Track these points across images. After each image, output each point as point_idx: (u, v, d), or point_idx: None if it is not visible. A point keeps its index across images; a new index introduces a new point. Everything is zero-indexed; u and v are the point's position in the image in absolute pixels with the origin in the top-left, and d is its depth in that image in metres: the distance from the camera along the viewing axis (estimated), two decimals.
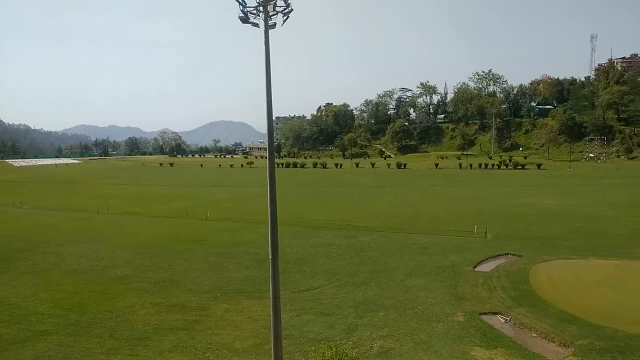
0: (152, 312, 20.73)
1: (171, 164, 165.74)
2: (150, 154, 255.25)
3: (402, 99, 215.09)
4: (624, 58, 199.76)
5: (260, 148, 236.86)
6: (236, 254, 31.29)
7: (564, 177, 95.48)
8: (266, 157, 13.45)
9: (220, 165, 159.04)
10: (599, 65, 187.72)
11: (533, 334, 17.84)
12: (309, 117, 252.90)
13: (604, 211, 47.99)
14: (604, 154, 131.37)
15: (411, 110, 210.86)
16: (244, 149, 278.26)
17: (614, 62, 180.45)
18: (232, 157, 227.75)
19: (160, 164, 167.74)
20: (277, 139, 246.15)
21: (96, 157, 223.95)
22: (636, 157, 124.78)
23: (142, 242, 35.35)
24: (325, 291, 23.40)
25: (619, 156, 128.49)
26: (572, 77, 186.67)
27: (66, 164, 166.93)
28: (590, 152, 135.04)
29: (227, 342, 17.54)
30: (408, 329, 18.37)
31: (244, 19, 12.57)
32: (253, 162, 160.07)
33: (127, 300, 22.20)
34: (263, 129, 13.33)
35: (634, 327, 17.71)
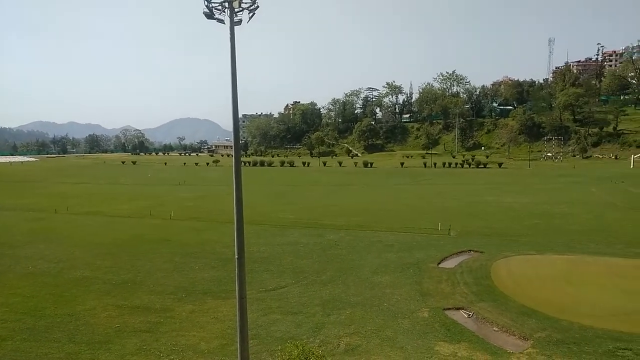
0: (114, 314, 20.13)
1: (134, 162, 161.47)
2: (112, 152, 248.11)
3: (369, 99, 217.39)
4: (579, 61, 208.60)
5: (227, 146, 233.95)
6: (202, 254, 30.79)
7: (524, 175, 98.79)
8: (232, 156, 13.27)
9: (185, 164, 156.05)
10: (556, 68, 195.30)
11: (494, 328, 18.39)
12: (276, 115, 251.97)
13: (560, 208, 49.96)
14: (561, 154, 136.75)
15: (377, 110, 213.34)
16: (209, 147, 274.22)
17: (570, 65, 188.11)
18: (197, 155, 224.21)
19: (123, 162, 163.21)
20: (244, 137, 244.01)
21: (54, 155, 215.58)
22: (590, 156, 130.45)
23: (103, 243, 34.26)
24: (292, 290, 23.36)
25: (574, 155, 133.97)
26: (532, 79, 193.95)
27: (21, 162, 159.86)
28: (548, 152, 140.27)
29: (192, 343, 17.24)
30: (374, 325, 18.57)
31: (209, 15, 12.35)
32: (219, 161, 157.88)
33: (87, 303, 21.47)
34: (229, 126, 13.17)
35: (588, 319, 18.52)
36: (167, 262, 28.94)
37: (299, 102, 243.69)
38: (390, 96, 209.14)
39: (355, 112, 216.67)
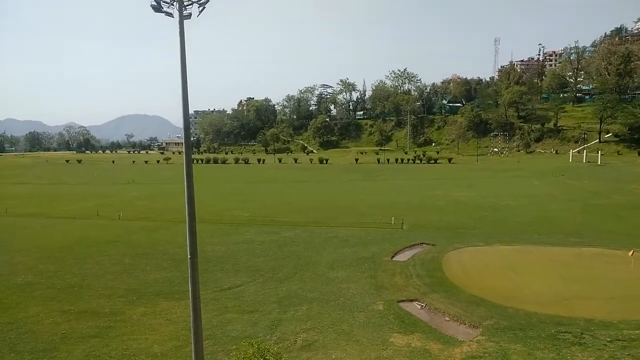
0: (60, 320, 19.19)
1: (79, 161, 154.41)
2: (55, 150, 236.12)
3: (323, 95, 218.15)
4: (522, 61, 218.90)
5: (178, 143, 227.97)
6: (153, 255, 29.91)
7: (472, 170, 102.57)
8: (184, 153, 12.92)
9: (134, 162, 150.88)
10: (501, 67, 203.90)
11: (446, 318, 19.01)
12: (229, 111, 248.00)
13: (506, 201, 52.28)
14: (507, 149, 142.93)
15: (332, 107, 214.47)
16: (160, 144, 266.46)
17: (514, 64, 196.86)
18: (147, 152, 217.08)
19: (67, 161, 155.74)
20: (196, 134, 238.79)
21: None
22: (533, 151, 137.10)
23: (47, 246, 32.55)
24: (248, 288, 23.15)
25: (519, 150, 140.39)
26: (479, 77, 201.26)
27: None
28: (495, 147, 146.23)
29: (144, 347, 16.72)
30: (331, 320, 18.73)
31: (157, 8, 11.95)
32: (170, 158, 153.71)
33: (29, 310, 20.33)
34: (181, 123, 12.80)
35: (532, 305, 19.52)
36: (116, 264, 27.90)
37: (253, 98, 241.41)
38: (344, 93, 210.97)
39: (310, 108, 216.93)
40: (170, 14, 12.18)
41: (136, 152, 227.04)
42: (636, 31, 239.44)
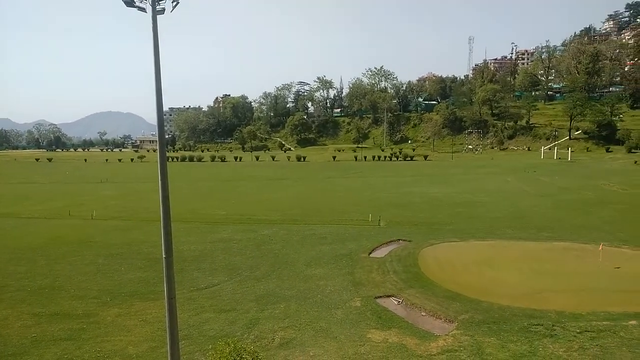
0: (30, 323, 18.66)
1: (50, 159, 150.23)
2: (24, 148, 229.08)
3: (301, 93, 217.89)
4: (496, 59, 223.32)
5: (153, 141, 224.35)
6: (127, 255, 29.36)
7: (447, 167, 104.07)
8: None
9: (107, 160, 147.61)
10: (475, 65, 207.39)
11: (422, 313, 19.27)
12: (205, 108, 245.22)
13: (480, 197, 53.26)
14: (481, 146, 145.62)
15: (309, 104, 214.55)
16: (134, 142, 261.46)
17: (488, 62, 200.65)
18: (120, 151, 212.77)
19: (37, 160, 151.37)
20: (171, 132, 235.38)
21: None
22: (507, 148, 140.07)
23: (16, 247, 31.58)
24: (225, 287, 22.96)
25: (492, 147, 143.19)
26: (454, 75, 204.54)
27: None
28: (469, 144, 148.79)
29: (119, 348, 16.42)
30: (308, 318, 18.76)
31: (129, 3, 11.69)
32: (145, 156, 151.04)
33: None
34: (155, 120, 12.57)
35: (506, 299, 19.96)
36: (89, 264, 27.29)
37: (229, 95, 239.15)
38: (321, 91, 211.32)
39: (287, 106, 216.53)
40: (143, 9, 11.93)
41: (109, 150, 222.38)
42: (604, 31, 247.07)
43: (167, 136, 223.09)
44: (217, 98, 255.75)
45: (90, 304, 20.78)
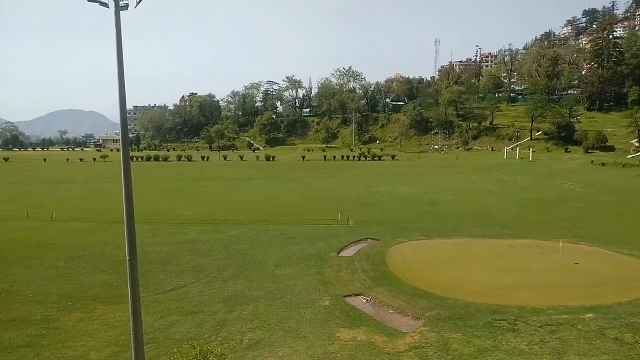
0: None
1: (6, 159, 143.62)
2: None
3: (269, 92, 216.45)
4: (461, 61, 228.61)
5: (116, 140, 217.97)
6: (90, 258, 28.44)
7: (414, 166, 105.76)
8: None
9: (68, 160, 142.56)
10: (441, 66, 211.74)
11: (390, 311, 19.50)
12: (171, 107, 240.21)
13: (446, 196, 54.39)
14: (446, 146, 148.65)
15: (278, 104, 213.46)
16: (96, 140, 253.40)
17: (453, 64, 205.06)
18: (82, 150, 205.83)
19: None
20: (136, 130, 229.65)
21: None
22: (471, 148, 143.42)
23: None
24: (192, 289, 22.57)
25: (458, 147, 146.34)
26: (420, 76, 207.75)
27: None
28: (435, 144, 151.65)
29: (80, 354, 15.87)
30: (277, 318, 18.66)
31: None
32: (108, 156, 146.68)
33: None
34: (118, 118, 12.22)
35: (471, 295, 20.44)
36: (49, 268, 26.27)
37: (196, 93, 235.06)
38: (290, 90, 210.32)
39: (256, 105, 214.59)
40: (105, 4, 11.58)
41: (70, 149, 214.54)
42: (563, 36, 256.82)
43: (131, 135, 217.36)
44: (183, 96, 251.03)
45: (49, 309, 20.02)
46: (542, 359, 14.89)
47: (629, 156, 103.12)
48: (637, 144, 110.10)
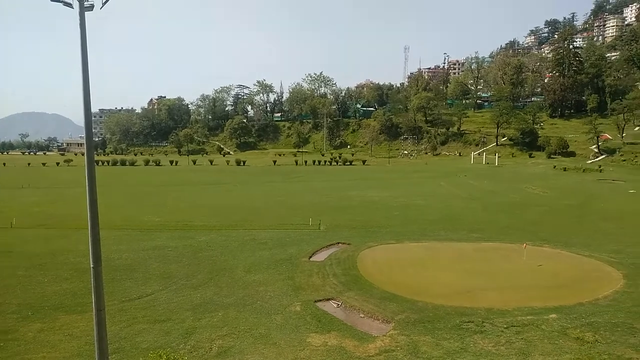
0: None
1: None
2: None
3: (240, 96, 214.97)
4: (429, 68, 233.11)
5: (81, 144, 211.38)
6: (52, 266, 27.42)
7: (384, 171, 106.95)
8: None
9: (29, 164, 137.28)
10: (411, 73, 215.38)
11: (361, 315, 19.59)
12: (139, 110, 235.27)
13: (415, 201, 55.19)
14: (415, 151, 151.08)
15: (249, 108, 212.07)
16: (60, 144, 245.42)
17: (422, 71, 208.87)
18: (45, 154, 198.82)
19: None
20: (101, 134, 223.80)
21: None
22: (439, 153, 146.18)
23: None
24: (160, 297, 22.05)
25: (426, 153, 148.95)
26: (390, 83, 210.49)
27: None
28: (405, 150, 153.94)
29: None
30: (248, 324, 18.45)
31: None
32: (72, 160, 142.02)
33: None
34: (83, 122, 11.87)
35: (440, 298, 20.76)
36: (8, 277, 25.16)
37: (165, 97, 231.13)
38: (261, 94, 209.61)
39: (226, 109, 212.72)
40: (69, 5, 11.26)
41: (32, 153, 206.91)
42: (526, 45, 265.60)
43: (96, 139, 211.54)
44: (151, 100, 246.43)
45: (8, 320, 19.16)
46: None
47: (589, 162, 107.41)
48: (596, 150, 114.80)
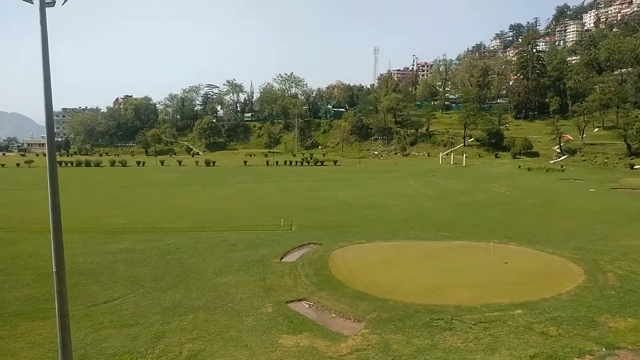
0: None
1: None
2: None
3: (209, 96, 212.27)
4: (399, 70, 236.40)
5: (42, 144, 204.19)
6: (12, 270, 26.34)
7: (355, 172, 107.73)
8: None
9: None
10: (380, 75, 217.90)
11: (333, 315, 19.62)
12: (104, 109, 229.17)
13: (385, 200, 55.80)
14: (386, 152, 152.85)
15: (219, 107, 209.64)
16: (20, 145, 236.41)
17: (391, 73, 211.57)
18: (4, 154, 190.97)
19: None
20: (64, 134, 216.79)
21: None
22: (409, 154, 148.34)
23: None
24: (127, 301, 21.49)
25: (396, 153, 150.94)
26: (361, 84, 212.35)
27: None
28: (375, 150, 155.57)
29: None
30: (218, 327, 18.20)
31: None
32: (33, 161, 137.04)
33: None
34: (44, 121, 11.45)
35: (410, 296, 21.02)
36: None
37: (131, 96, 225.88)
38: (231, 94, 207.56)
39: (195, 109, 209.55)
40: (29, 0, 10.83)
41: None
42: (492, 48, 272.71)
43: (59, 139, 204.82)
44: (117, 99, 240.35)
45: None
46: (476, 356, 15.57)
47: (552, 161, 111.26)
48: (558, 151, 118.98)
